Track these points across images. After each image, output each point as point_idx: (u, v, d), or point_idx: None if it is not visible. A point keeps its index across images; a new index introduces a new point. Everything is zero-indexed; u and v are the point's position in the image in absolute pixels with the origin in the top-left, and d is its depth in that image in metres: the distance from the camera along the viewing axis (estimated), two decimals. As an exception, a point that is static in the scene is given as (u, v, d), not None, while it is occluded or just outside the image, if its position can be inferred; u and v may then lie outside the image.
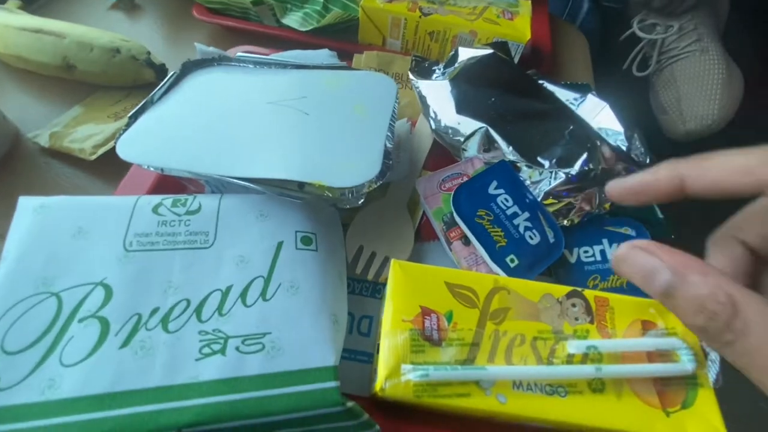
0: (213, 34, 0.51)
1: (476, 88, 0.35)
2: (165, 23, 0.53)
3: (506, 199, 0.28)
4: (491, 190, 0.29)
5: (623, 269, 0.16)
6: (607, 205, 0.31)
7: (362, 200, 0.28)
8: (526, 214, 0.28)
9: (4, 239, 0.31)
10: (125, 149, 0.28)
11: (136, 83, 0.42)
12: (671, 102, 0.68)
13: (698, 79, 0.65)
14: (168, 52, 0.48)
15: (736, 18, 0.72)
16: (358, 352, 0.28)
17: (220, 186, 0.33)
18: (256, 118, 0.31)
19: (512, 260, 0.28)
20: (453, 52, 0.39)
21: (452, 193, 0.30)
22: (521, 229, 0.28)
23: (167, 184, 0.33)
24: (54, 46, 0.40)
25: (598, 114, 0.36)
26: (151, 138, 0.29)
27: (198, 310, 0.22)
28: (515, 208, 0.28)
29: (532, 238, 0.28)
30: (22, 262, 0.22)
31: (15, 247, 0.23)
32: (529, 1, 0.48)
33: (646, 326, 0.24)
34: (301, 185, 0.27)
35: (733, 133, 0.65)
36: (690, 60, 0.66)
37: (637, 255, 0.15)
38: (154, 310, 0.22)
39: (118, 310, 0.21)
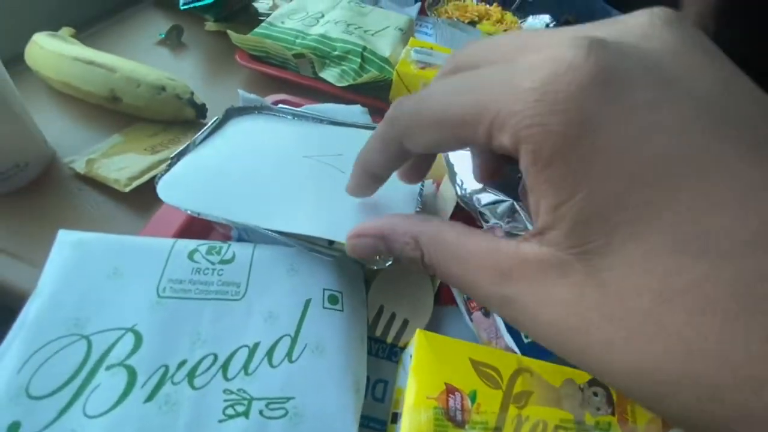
0: (251, 78, 0.54)
1: (504, 161, 0.36)
2: (206, 64, 0.56)
3: None
4: None
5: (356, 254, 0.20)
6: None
7: (390, 262, 0.29)
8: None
9: (31, 265, 0.32)
10: (166, 191, 0.28)
11: (176, 119, 0.44)
12: None
13: None
14: (206, 92, 0.50)
15: None
16: (372, 419, 0.27)
17: (248, 233, 0.33)
18: (292, 171, 0.32)
19: (527, 336, 0.28)
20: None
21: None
22: None
23: (196, 225, 0.33)
24: (104, 78, 0.42)
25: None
26: (191, 182, 0.30)
27: (225, 367, 0.22)
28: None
29: None
30: (56, 300, 0.22)
31: (50, 282, 0.23)
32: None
33: (667, 424, 0.24)
34: (330, 242, 0.28)
35: None
36: None
37: (356, 243, 0.20)
38: (182, 363, 0.21)
39: (147, 360, 0.21)
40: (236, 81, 0.53)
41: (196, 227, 0.34)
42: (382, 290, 0.32)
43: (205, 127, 0.34)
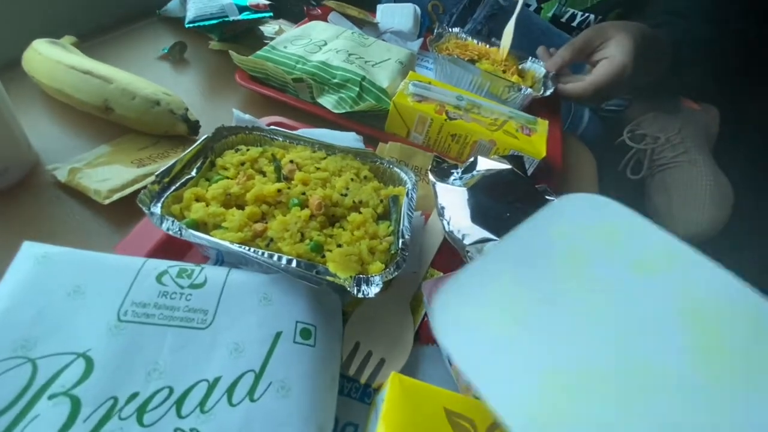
0: (249, 98, 0.54)
1: (492, 201, 0.36)
2: (206, 81, 0.56)
3: None
4: None
5: None
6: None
7: (379, 289, 0.27)
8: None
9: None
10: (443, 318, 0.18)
11: (168, 134, 0.44)
12: (663, 206, 0.72)
13: (687, 188, 0.69)
14: (203, 108, 0.50)
15: (727, 131, 0.78)
16: (337, 466, 0.25)
17: (224, 256, 0.32)
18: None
19: None
20: (472, 159, 0.41)
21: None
22: None
23: (173, 243, 0.32)
24: (98, 88, 0.42)
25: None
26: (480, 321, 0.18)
27: (179, 402, 0.20)
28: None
29: None
30: (7, 318, 0.21)
31: (5, 298, 0.21)
32: (547, 121, 0.52)
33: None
34: (318, 271, 0.27)
35: (727, 241, 0.68)
36: (680, 169, 0.71)
37: None
38: (133, 396, 0.20)
39: (94, 390, 0.20)
40: (234, 100, 0.53)
41: (173, 246, 0.33)
42: (360, 325, 0.31)
43: (192, 147, 0.34)
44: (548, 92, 0.58)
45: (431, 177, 0.39)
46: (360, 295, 0.27)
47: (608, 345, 0.16)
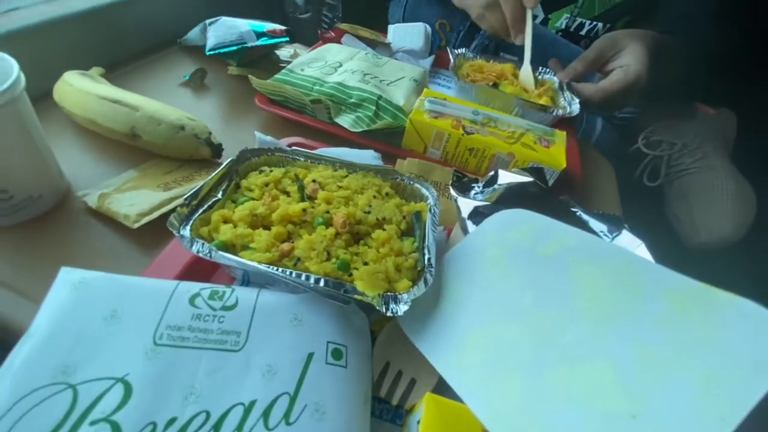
0: (268, 121, 0.55)
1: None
2: (227, 105, 0.58)
3: None
4: None
5: None
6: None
7: (408, 307, 0.27)
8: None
9: (32, 300, 0.31)
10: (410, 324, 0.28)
11: (192, 158, 0.45)
12: (683, 213, 0.70)
13: (708, 193, 0.67)
14: (224, 132, 0.51)
15: (744, 135, 0.76)
16: (372, 492, 0.25)
17: (251, 276, 0.32)
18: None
19: None
20: (493, 173, 0.41)
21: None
22: None
23: (201, 265, 0.33)
24: (126, 116, 0.44)
25: (635, 251, 0.37)
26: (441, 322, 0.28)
27: (216, 427, 0.20)
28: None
29: None
30: (47, 344, 0.21)
31: (44, 325, 0.22)
32: (565, 132, 0.51)
33: None
34: (346, 290, 0.27)
35: (750, 246, 0.65)
36: (698, 175, 0.69)
37: None
38: (171, 421, 0.20)
39: (134, 416, 0.20)
40: (254, 123, 0.55)
41: (200, 267, 0.33)
42: (389, 344, 0.30)
43: (218, 170, 0.34)
44: (575, 110, 0.58)
45: (453, 192, 0.39)
46: (389, 314, 0.27)
47: (526, 299, 0.26)
